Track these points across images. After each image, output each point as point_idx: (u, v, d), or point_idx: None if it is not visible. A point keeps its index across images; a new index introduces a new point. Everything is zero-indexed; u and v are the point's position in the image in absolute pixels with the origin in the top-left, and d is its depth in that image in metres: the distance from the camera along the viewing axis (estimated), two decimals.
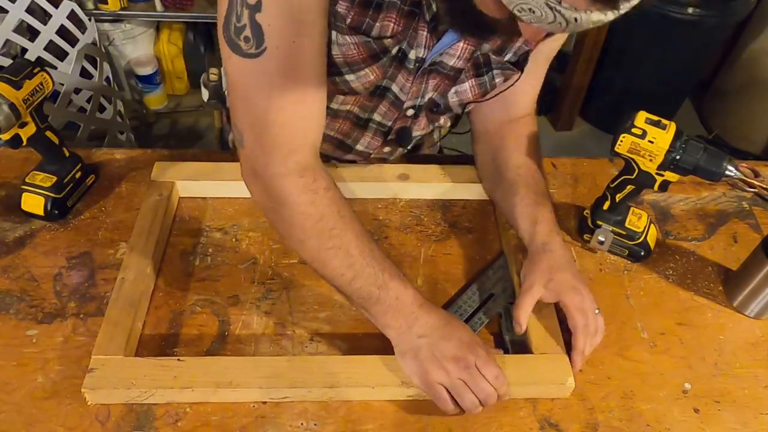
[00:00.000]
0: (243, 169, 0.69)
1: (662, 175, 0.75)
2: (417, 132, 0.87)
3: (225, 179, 0.88)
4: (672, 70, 2.27)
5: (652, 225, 0.85)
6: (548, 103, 2.55)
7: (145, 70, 2.38)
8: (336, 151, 0.92)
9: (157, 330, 0.74)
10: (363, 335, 0.74)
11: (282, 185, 0.65)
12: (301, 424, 0.66)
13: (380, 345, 0.73)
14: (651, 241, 0.84)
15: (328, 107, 0.76)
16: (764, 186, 0.96)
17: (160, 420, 0.65)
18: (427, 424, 0.66)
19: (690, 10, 2.04)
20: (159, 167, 0.88)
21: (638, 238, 0.83)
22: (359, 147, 0.89)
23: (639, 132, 0.72)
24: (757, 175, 0.98)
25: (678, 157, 0.72)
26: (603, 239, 0.82)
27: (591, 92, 2.41)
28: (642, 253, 0.84)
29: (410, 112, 0.82)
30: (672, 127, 0.72)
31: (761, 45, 2.26)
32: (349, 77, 0.72)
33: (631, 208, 0.84)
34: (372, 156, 0.92)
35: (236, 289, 0.78)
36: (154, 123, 2.50)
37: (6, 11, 1.66)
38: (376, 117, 0.83)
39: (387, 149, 0.92)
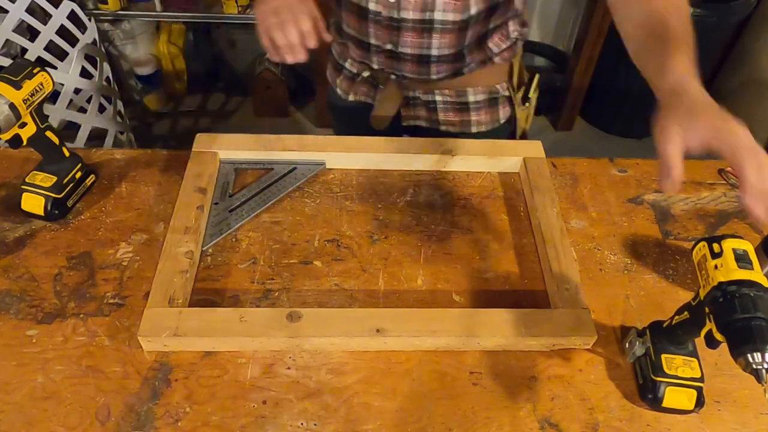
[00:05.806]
0: None
1: (709, 318, 0.58)
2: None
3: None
4: None
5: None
6: (548, 103, 2.55)
7: (145, 70, 2.38)
8: (359, 51, 1.01)
9: None
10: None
11: None
12: (301, 424, 0.66)
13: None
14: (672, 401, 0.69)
15: None
16: None
17: (160, 420, 0.65)
18: (427, 424, 0.67)
19: (690, 10, 2.03)
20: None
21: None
22: (372, 40, 0.96)
23: (717, 250, 0.58)
24: None
25: (721, 300, 0.55)
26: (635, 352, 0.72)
27: (591, 92, 2.41)
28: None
29: None
30: (754, 275, 0.56)
31: (761, 45, 2.26)
32: None
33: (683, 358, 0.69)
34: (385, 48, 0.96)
35: (236, 289, 0.78)
36: (154, 123, 2.50)
37: (6, 11, 1.66)
38: (371, 5, 0.90)
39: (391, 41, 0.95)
